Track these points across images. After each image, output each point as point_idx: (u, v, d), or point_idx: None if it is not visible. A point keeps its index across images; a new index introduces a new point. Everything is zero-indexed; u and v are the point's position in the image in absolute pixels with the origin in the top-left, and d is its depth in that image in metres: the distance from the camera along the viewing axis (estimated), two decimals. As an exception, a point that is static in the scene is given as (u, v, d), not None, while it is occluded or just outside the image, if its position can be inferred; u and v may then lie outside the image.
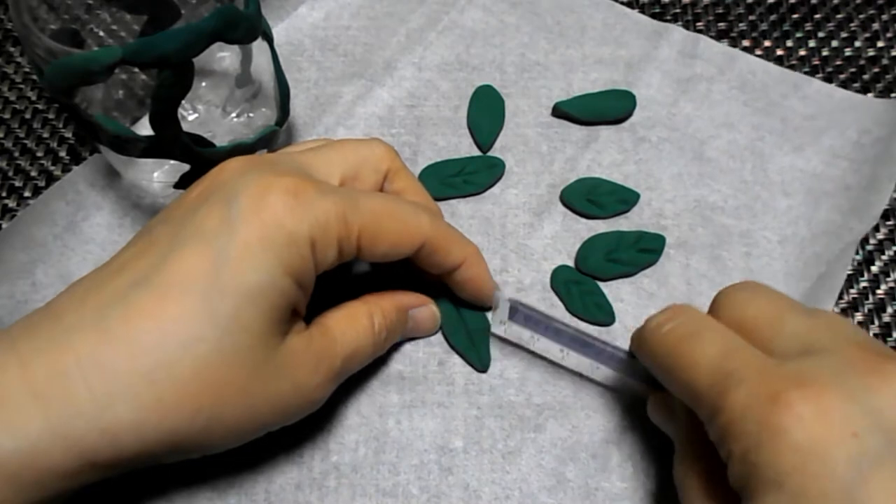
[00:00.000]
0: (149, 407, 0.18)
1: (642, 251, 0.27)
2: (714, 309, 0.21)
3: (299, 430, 0.22)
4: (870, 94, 0.32)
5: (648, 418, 0.23)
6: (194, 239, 0.19)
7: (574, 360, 0.25)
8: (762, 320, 0.20)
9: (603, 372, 0.24)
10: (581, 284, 0.27)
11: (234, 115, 0.30)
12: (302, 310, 0.22)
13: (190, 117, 0.29)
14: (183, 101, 0.23)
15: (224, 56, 0.30)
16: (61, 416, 0.18)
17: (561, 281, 0.27)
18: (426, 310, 0.26)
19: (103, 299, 0.19)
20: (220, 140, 0.27)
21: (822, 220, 0.28)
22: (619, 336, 0.26)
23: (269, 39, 0.27)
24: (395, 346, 0.26)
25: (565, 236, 0.28)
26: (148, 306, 0.19)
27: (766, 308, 0.20)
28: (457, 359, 0.26)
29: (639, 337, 0.22)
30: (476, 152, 0.30)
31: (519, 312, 0.24)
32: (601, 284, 0.27)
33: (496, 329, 0.25)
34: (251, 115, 0.30)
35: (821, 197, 0.29)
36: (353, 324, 0.23)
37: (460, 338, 0.26)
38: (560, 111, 0.31)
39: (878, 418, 0.16)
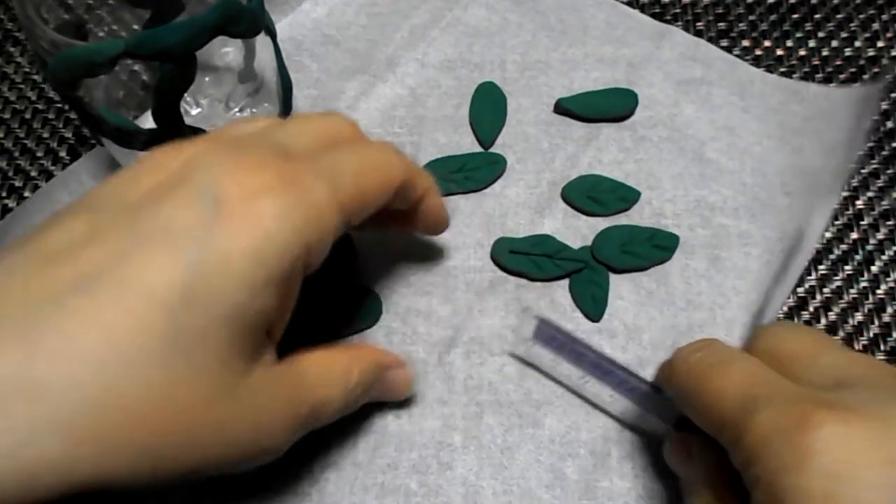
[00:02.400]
0: (84, 440, 0.15)
1: (656, 247, 0.27)
2: (752, 343, 0.21)
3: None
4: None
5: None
6: (161, 239, 0.16)
7: (594, 388, 0.24)
8: (800, 353, 0.19)
9: (622, 404, 0.24)
10: (593, 272, 0.27)
11: (236, 109, 0.30)
12: (277, 332, 0.19)
13: (193, 112, 0.29)
14: (185, 96, 0.23)
15: (227, 51, 0.30)
16: None
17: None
18: (401, 373, 0.24)
19: (33, 298, 0.15)
20: (223, 134, 0.27)
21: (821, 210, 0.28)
22: (608, 334, 0.26)
23: (272, 34, 0.27)
24: (395, 343, 0.26)
25: (566, 233, 0.28)
26: (93, 314, 0.15)
27: (804, 342, 0.20)
28: (456, 354, 0.26)
29: (668, 365, 0.21)
30: (478, 149, 0.30)
31: (542, 331, 0.24)
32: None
33: (516, 349, 0.25)
34: (254, 110, 0.30)
35: (821, 189, 0.29)
36: (330, 371, 0.21)
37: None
38: (562, 108, 0.31)
39: None
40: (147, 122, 0.27)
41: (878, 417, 0.16)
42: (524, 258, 0.27)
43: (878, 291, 0.28)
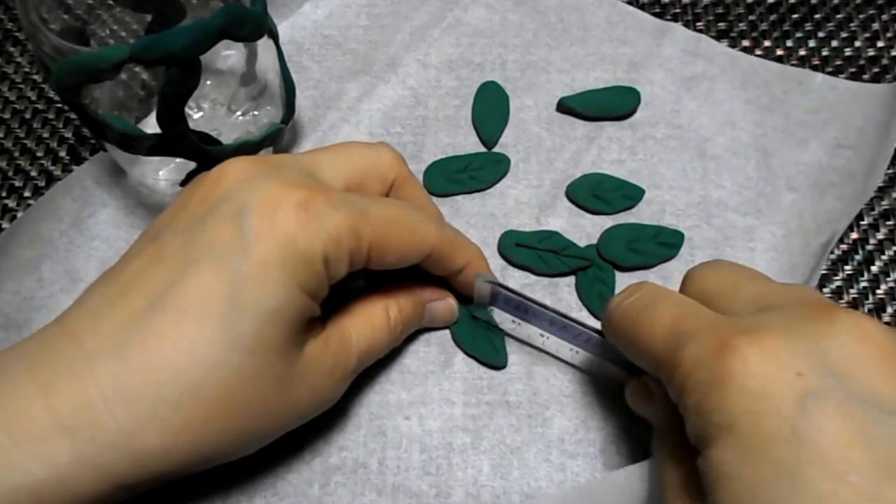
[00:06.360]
0: (176, 432, 0.18)
1: (662, 244, 0.28)
2: (682, 285, 0.22)
3: (306, 426, 0.22)
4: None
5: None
6: (207, 257, 0.19)
7: (554, 344, 0.25)
8: (722, 288, 0.20)
9: (582, 357, 0.25)
10: (599, 269, 0.27)
11: (239, 113, 0.30)
12: (318, 314, 0.22)
13: (195, 115, 0.29)
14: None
15: (229, 54, 0.30)
16: (90, 445, 0.18)
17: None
18: (444, 303, 0.26)
19: (120, 322, 0.19)
20: (226, 138, 0.27)
21: (827, 209, 0.28)
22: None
23: (274, 37, 0.27)
24: (404, 342, 0.26)
25: (571, 231, 0.28)
26: (166, 331, 0.18)
27: (726, 277, 0.21)
28: (464, 354, 0.26)
29: (604, 315, 0.22)
30: (481, 149, 0.30)
31: (500, 296, 0.25)
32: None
33: (479, 313, 0.26)
34: (256, 113, 0.30)
35: (826, 188, 0.29)
36: (369, 320, 0.23)
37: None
38: (565, 106, 0.31)
39: (822, 358, 0.16)
40: (150, 125, 0.27)
41: (787, 333, 0.17)
42: (530, 252, 0.27)
43: (878, 291, 0.28)
